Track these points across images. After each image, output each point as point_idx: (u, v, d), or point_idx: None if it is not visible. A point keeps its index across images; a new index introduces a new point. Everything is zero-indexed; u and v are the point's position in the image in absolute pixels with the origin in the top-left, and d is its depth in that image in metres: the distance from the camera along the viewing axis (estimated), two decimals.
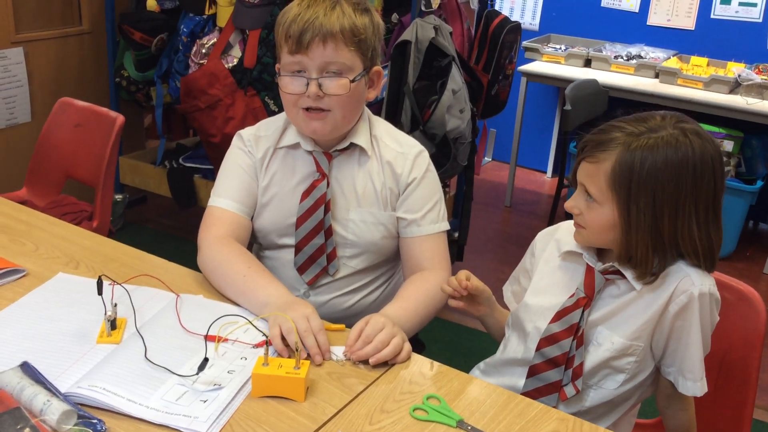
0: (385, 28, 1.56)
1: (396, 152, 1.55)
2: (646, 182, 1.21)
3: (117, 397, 1.10)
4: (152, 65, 3.21)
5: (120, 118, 2.29)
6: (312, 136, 1.50)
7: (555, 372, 1.33)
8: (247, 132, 1.59)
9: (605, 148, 1.24)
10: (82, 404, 1.09)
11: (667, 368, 1.34)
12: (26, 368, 1.13)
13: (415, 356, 1.31)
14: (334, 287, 1.58)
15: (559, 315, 1.34)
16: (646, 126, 1.24)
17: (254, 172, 1.57)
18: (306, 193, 1.52)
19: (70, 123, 2.42)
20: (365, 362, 1.26)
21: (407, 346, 1.30)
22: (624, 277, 1.28)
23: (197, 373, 1.17)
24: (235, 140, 1.60)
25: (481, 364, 1.50)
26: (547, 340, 1.35)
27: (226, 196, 1.55)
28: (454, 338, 1.37)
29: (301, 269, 1.56)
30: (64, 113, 2.44)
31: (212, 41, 2.95)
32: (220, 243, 1.49)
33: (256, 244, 1.66)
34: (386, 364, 1.27)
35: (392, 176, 1.54)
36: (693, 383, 1.30)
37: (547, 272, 1.41)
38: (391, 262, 1.64)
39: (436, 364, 1.30)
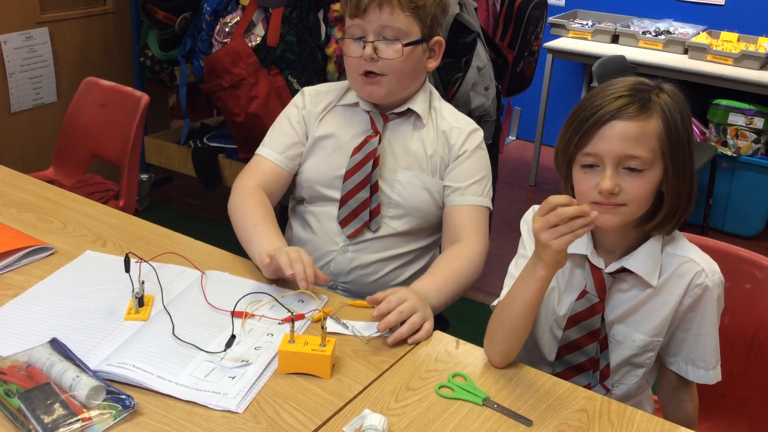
0: (450, 4, 1.61)
1: (452, 126, 1.58)
2: (683, 135, 1.18)
3: (146, 374, 1.11)
4: (176, 45, 3.21)
5: (145, 98, 2.29)
6: (369, 99, 1.55)
7: (582, 377, 1.31)
8: (309, 89, 1.66)
9: (650, 107, 1.16)
10: (110, 380, 1.09)
11: (670, 358, 1.31)
12: (56, 344, 1.14)
13: (441, 334, 1.31)
14: (373, 247, 1.58)
15: (573, 321, 1.30)
16: (645, 85, 1.19)
17: (303, 127, 1.62)
18: (357, 148, 1.56)
19: (95, 103, 2.43)
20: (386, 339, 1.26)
21: (427, 325, 1.29)
22: (631, 272, 1.24)
23: (225, 350, 1.18)
24: (296, 96, 1.66)
25: None
26: (567, 347, 1.32)
27: (271, 147, 1.62)
28: (479, 317, 1.36)
29: (344, 222, 1.57)
30: (89, 93, 2.45)
31: (235, 20, 2.94)
32: (247, 191, 1.56)
33: (295, 198, 1.68)
34: (405, 342, 1.26)
35: (446, 145, 1.58)
36: (705, 371, 1.28)
37: None
38: (432, 233, 1.64)
39: (461, 342, 1.29)
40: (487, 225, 1.58)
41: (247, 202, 1.53)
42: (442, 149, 1.58)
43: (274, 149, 1.61)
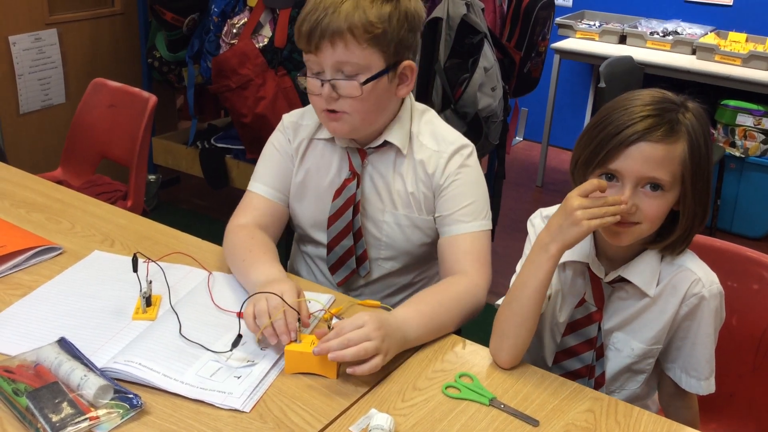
0: (419, 14, 1.41)
1: (431, 151, 1.44)
2: (704, 160, 1.17)
3: (153, 373, 1.12)
4: (184, 46, 3.22)
5: (153, 99, 2.30)
6: (334, 135, 1.45)
7: (577, 383, 1.31)
8: (289, 118, 1.54)
9: (677, 129, 1.15)
10: (118, 379, 1.10)
11: (668, 364, 1.31)
12: (63, 344, 1.15)
13: (448, 334, 1.31)
14: (370, 290, 1.55)
15: (571, 328, 1.31)
16: (672, 103, 1.17)
17: (291, 158, 1.53)
18: (337, 192, 1.47)
19: (103, 104, 2.44)
20: None
21: (376, 360, 1.13)
22: (629, 281, 1.25)
23: (231, 350, 1.18)
24: (279, 124, 1.55)
25: None
26: (565, 353, 1.33)
27: (261, 182, 1.52)
28: (486, 318, 1.35)
29: (332, 269, 1.53)
30: (97, 94, 2.46)
31: (243, 21, 2.95)
32: (234, 230, 1.46)
33: (297, 233, 1.62)
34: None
35: (425, 177, 1.44)
36: (697, 381, 1.27)
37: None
38: (428, 264, 1.57)
39: (468, 342, 1.29)
40: (487, 251, 1.44)
41: (232, 241, 1.43)
42: (423, 183, 1.44)
43: (265, 183, 1.51)
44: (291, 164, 1.53)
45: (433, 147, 1.45)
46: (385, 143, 1.45)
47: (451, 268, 1.42)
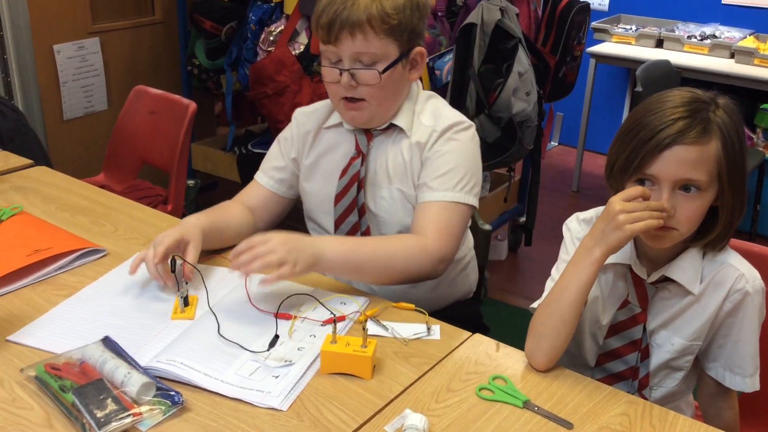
0: (428, 1, 1.51)
1: (427, 127, 1.49)
2: (739, 155, 1.17)
3: (194, 371, 1.15)
4: (222, 53, 3.28)
5: (192, 106, 2.35)
6: (352, 124, 1.52)
7: (620, 385, 1.31)
8: (300, 110, 1.63)
9: (710, 129, 1.15)
10: (160, 377, 1.13)
11: (709, 363, 1.30)
12: (108, 342, 1.18)
13: (481, 338, 1.32)
14: None
15: (614, 330, 1.31)
16: (702, 102, 1.18)
17: (289, 151, 1.60)
18: (344, 171, 1.53)
19: (144, 110, 2.50)
20: (428, 344, 1.27)
21: (285, 268, 1.26)
22: (672, 281, 1.25)
23: (268, 350, 1.21)
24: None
25: None
26: (608, 355, 1.33)
27: (262, 170, 1.63)
28: (521, 323, 1.36)
29: None
30: (139, 101, 2.52)
31: (280, 28, 2.99)
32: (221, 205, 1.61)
33: (308, 221, 1.67)
34: (446, 345, 1.27)
35: (419, 150, 1.49)
36: (742, 378, 1.27)
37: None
38: None
39: (502, 345, 1.30)
40: (456, 223, 1.43)
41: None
42: (416, 155, 1.49)
43: (264, 172, 1.62)
44: (289, 160, 1.60)
45: (430, 123, 1.50)
46: (391, 126, 1.51)
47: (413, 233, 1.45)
